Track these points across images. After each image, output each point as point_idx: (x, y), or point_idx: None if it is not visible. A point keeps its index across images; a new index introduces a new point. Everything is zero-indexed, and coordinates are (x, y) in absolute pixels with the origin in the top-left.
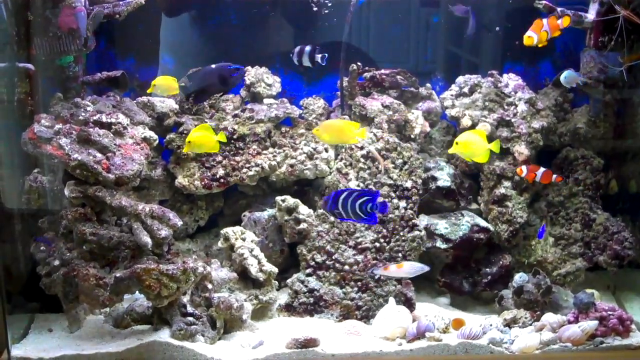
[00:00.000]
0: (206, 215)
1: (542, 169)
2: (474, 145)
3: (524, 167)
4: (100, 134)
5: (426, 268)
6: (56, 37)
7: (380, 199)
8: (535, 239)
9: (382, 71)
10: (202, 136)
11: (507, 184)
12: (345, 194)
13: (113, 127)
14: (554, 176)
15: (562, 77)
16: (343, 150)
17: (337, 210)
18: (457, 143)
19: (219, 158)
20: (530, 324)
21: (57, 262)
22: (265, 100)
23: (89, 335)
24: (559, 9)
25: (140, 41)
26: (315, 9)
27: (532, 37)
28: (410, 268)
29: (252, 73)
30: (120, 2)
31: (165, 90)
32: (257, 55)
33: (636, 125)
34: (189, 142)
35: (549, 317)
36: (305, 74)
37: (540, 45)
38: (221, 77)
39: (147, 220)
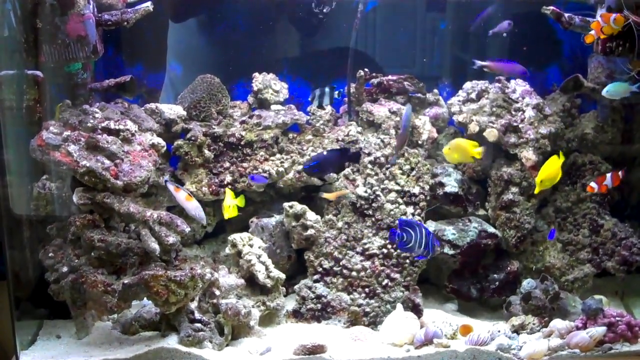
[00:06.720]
0: (214, 221)
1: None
2: (461, 151)
3: (593, 185)
4: (109, 141)
5: None
6: (65, 45)
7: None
8: (543, 244)
9: (390, 77)
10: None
11: (514, 189)
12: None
13: (121, 133)
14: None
15: (605, 91)
16: None
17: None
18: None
19: (227, 164)
20: (539, 330)
21: (65, 269)
22: (273, 107)
23: (97, 341)
24: (566, 15)
25: (148, 48)
26: (321, 15)
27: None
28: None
29: (260, 79)
30: (129, 10)
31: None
32: (265, 61)
33: None
34: (229, 206)
35: (557, 323)
36: (313, 80)
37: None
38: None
39: (155, 226)
